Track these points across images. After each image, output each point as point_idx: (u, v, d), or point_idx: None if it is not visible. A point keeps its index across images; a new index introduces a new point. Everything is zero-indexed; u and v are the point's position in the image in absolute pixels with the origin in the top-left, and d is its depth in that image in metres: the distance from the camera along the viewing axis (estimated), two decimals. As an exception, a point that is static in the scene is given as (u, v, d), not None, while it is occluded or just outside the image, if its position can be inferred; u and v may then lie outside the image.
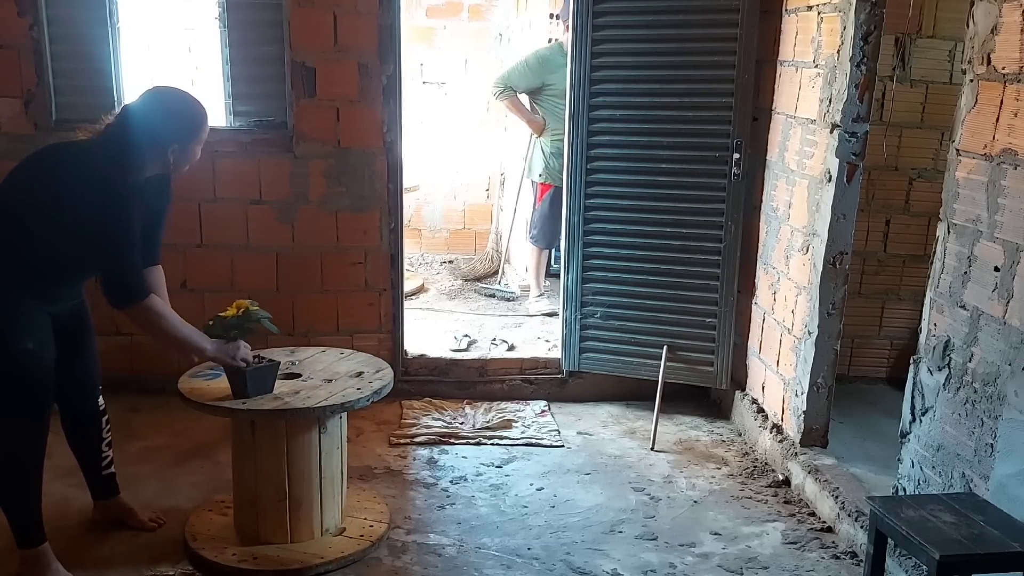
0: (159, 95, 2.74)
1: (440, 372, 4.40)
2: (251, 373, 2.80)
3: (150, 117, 2.66)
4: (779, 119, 3.81)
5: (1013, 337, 2.39)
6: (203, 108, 2.75)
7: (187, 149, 2.72)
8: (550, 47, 5.28)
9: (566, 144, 4.20)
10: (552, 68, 5.07)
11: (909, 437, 2.87)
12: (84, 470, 3.06)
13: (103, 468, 3.06)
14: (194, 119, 2.73)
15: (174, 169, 2.76)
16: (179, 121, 2.71)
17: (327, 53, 3.99)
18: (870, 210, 4.21)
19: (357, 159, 4.11)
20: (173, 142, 2.67)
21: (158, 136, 2.65)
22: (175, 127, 2.69)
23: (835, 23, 3.29)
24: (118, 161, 2.61)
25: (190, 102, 2.73)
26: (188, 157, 2.74)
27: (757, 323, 4.03)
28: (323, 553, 2.92)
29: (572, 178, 4.18)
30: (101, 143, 2.65)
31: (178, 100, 2.74)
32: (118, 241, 2.59)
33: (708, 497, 3.47)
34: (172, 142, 2.67)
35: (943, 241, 2.71)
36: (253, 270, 4.18)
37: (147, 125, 2.64)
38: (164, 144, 2.66)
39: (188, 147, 2.72)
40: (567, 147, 4.19)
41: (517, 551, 3.05)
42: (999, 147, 2.47)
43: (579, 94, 4.08)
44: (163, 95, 2.75)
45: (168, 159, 2.69)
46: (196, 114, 2.73)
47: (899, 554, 2.80)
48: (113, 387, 4.02)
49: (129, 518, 3.09)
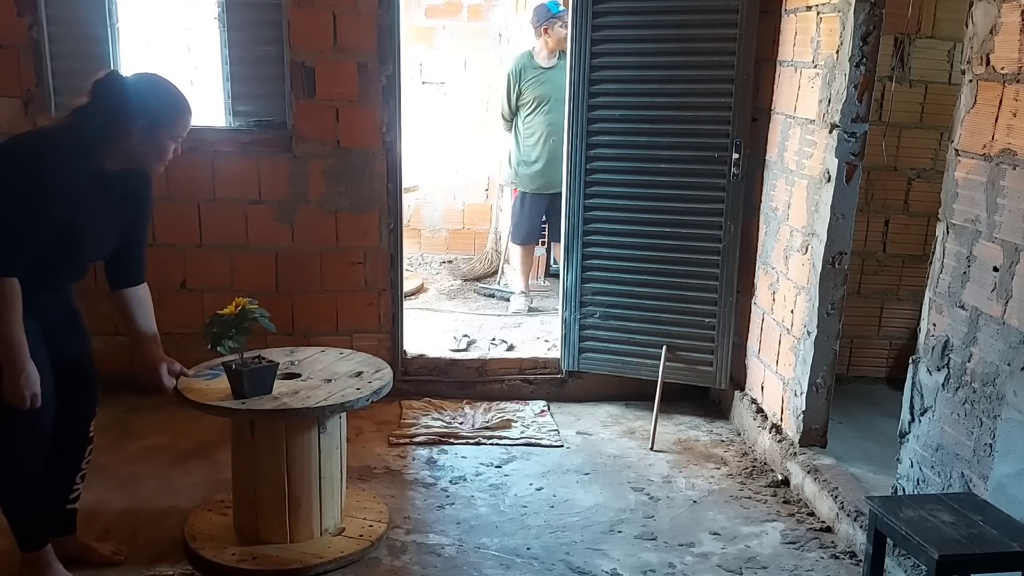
0: (138, 74, 2.57)
1: (439, 372, 4.40)
2: (250, 373, 2.80)
3: (120, 90, 2.46)
4: (778, 119, 3.81)
5: (1012, 337, 2.39)
6: (185, 101, 2.55)
7: (156, 135, 2.49)
8: (516, 58, 5.35)
9: (565, 144, 4.20)
10: (520, 78, 5.22)
11: (908, 437, 2.87)
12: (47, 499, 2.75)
13: (69, 501, 2.83)
14: (168, 103, 2.51)
15: (141, 159, 2.52)
16: (151, 99, 2.48)
17: (326, 53, 3.99)
18: (869, 210, 4.21)
19: (356, 159, 4.11)
20: (139, 119, 2.44)
21: (124, 109, 2.43)
22: (145, 104, 2.46)
23: (834, 23, 3.30)
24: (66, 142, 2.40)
25: (169, 87, 2.54)
26: (157, 148, 2.51)
27: (756, 323, 4.03)
28: (322, 553, 2.92)
29: (571, 178, 4.18)
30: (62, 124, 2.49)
31: (156, 80, 2.55)
32: None
33: (707, 497, 3.47)
34: (138, 119, 2.44)
35: (942, 241, 2.71)
36: (252, 270, 4.18)
37: (114, 97, 2.44)
38: (129, 119, 2.43)
39: (157, 133, 2.49)
40: (566, 147, 4.19)
41: (516, 551, 3.05)
42: (998, 147, 2.47)
43: (578, 94, 4.08)
44: (142, 74, 2.57)
45: (133, 142, 2.46)
46: (172, 99, 2.52)
47: (898, 554, 2.81)
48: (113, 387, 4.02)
49: (88, 555, 2.86)
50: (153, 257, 4.06)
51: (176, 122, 2.53)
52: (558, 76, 5.04)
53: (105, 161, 2.50)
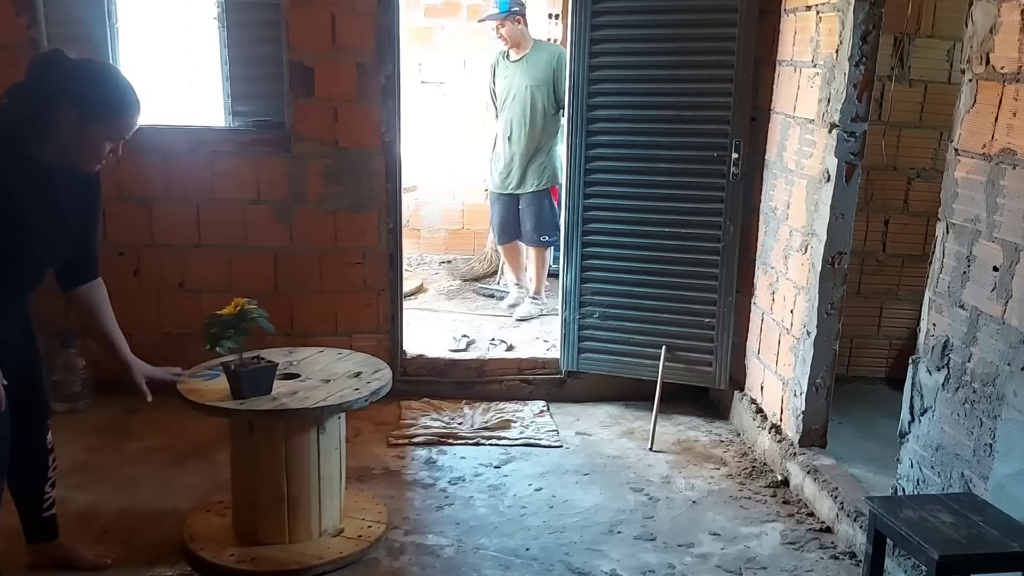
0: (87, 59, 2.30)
1: (438, 372, 4.39)
2: (249, 374, 2.79)
3: (56, 72, 2.19)
4: (777, 119, 3.80)
5: (1012, 337, 2.39)
6: (130, 99, 2.25)
7: (87, 130, 2.20)
8: (495, 54, 5.30)
9: (565, 144, 4.20)
10: (493, 74, 5.22)
11: (908, 437, 2.86)
12: (20, 511, 2.72)
13: (44, 510, 2.73)
14: (108, 97, 2.22)
15: (72, 154, 2.24)
16: (89, 89, 2.19)
17: (325, 53, 3.98)
18: (869, 210, 4.21)
19: (355, 159, 4.11)
20: (71, 108, 2.17)
21: (56, 93, 2.16)
22: (81, 93, 2.18)
23: (833, 23, 3.29)
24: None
25: (115, 80, 2.26)
26: (89, 145, 2.23)
27: (756, 323, 4.03)
28: (321, 554, 2.91)
29: (571, 178, 4.17)
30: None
31: (102, 70, 2.31)
32: None
33: (707, 497, 3.47)
34: (65, 103, 2.16)
35: (942, 241, 2.70)
36: (251, 270, 4.17)
37: (49, 78, 2.18)
38: (59, 106, 2.16)
39: (89, 128, 2.20)
40: (566, 147, 4.19)
41: (515, 552, 3.04)
42: (998, 147, 2.46)
43: (578, 94, 4.08)
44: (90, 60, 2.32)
45: (58, 129, 2.19)
46: (114, 93, 2.23)
47: (898, 554, 2.80)
48: (111, 388, 4.02)
49: (75, 560, 2.80)
50: (151, 257, 4.14)
51: (113, 120, 2.23)
52: (518, 71, 5.04)
53: (39, 150, 2.23)
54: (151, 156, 4.02)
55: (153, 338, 4.10)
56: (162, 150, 4.04)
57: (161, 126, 4.12)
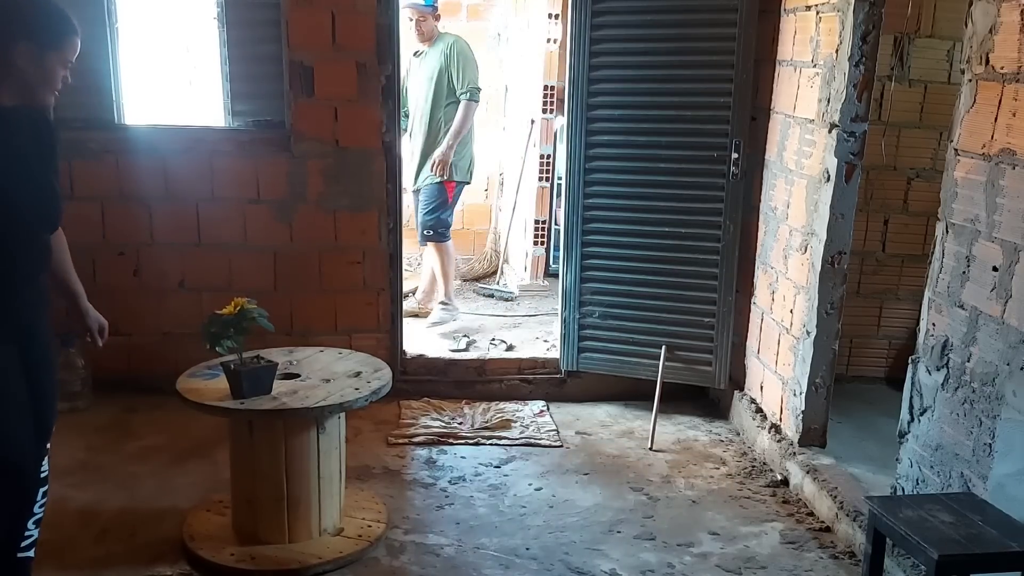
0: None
1: (439, 372, 4.39)
2: (249, 373, 2.79)
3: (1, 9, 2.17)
4: (777, 119, 3.80)
5: (1011, 337, 2.39)
6: (72, 21, 2.28)
7: (43, 58, 2.20)
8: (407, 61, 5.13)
9: (565, 144, 4.20)
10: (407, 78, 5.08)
11: (907, 437, 2.87)
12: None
13: (20, 549, 2.36)
14: (56, 23, 2.23)
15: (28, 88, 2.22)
16: (33, 18, 2.20)
17: (325, 52, 3.99)
18: (868, 210, 4.21)
19: (355, 159, 4.11)
20: (22, 40, 2.16)
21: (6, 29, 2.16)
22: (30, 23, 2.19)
23: (833, 23, 3.29)
24: None
25: (54, 5, 2.27)
26: (46, 74, 2.23)
27: (755, 323, 4.03)
28: (321, 553, 2.92)
29: (571, 178, 4.17)
30: None
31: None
32: None
33: (706, 497, 3.47)
34: (20, 39, 2.16)
35: (941, 241, 2.71)
36: (251, 269, 4.17)
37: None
38: (10, 40, 2.15)
39: (45, 55, 2.20)
40: (565, 147, 4.19)
41: (515, 551, 3.04)
42: (997, 147, 2.47)
43: (577, 94, 4.08)
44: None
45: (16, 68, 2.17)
46: (60, 18, 2.25)
47: (898, 554, 2.80)
48: (111, 387, 4.05)
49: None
50: (151, 256, 4.13)
51: (65, 45, 2.25)
52: (420, 68, 5.00)
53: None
54: (151, 156, 4.03)
55: (153, 337, 4.11)
56: (162, 150, 4.05)
57: (161, 126, 4.13)
